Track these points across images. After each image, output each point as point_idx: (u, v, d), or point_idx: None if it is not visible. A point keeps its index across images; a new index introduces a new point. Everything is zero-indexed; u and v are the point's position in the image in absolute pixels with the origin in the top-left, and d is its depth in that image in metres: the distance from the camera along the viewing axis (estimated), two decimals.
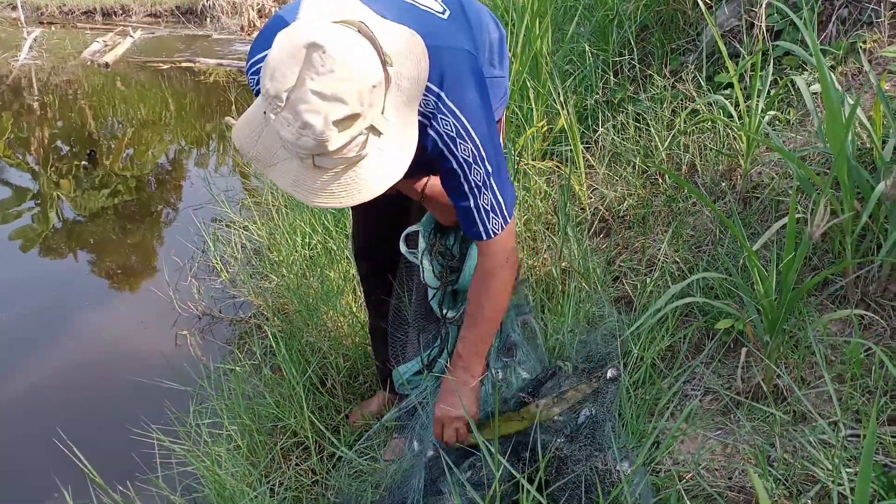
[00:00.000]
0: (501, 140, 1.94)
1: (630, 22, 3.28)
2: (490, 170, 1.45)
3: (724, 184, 2.39)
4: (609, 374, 1.85)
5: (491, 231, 1.51)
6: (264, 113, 1.23)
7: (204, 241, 3.61)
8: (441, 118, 1.40)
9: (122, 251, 3.91)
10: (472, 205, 1.48)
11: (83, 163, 5.13)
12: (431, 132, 1.41)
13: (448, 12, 1.52)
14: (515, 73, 3.00)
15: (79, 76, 7.89)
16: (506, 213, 1.51)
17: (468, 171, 1.44)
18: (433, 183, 1.71)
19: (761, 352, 1.71)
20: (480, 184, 1.46)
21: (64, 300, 3.38)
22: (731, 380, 1.77)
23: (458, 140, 1.42)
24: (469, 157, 1.43)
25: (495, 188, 1.48)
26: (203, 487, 1.92)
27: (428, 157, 1.46)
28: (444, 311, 1.88)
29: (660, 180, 2.63)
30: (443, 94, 1.39)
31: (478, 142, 1.43)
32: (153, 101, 7.02)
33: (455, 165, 1.44)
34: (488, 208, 1.49)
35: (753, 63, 2.40)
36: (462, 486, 1.59)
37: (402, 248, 1.88)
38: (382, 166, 1.30)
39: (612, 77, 3.18)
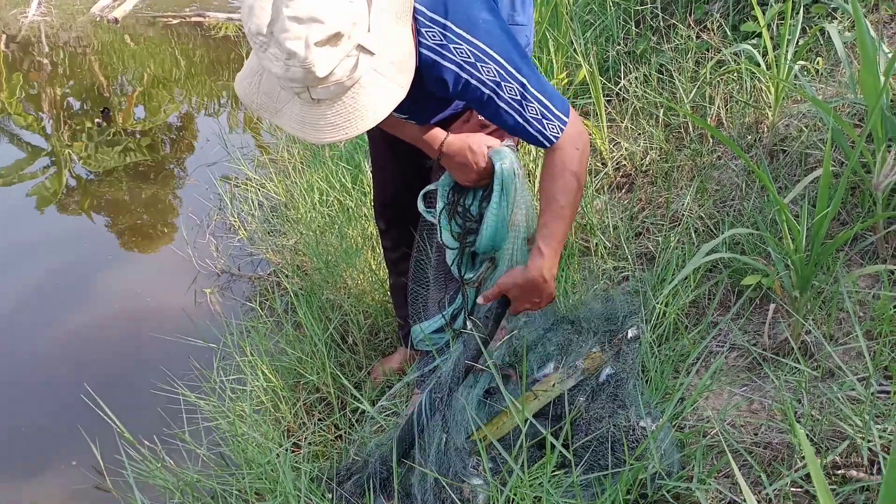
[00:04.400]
0: None
1: None
2: (524, 80, 1.40)
3: (750, 136, 2.34)
4: (630, 335, 1.83)
5: (552, 137, 1.46)
6: (257, 57, 1.22)
7: (220, 199, 3.59)
8: (454, 47, 1.35)
9: (138, 209, 3.90)
10: (520, 120, 1.43)
11: (97, 121, 5.09)
12: (449, 64, 1.36)
13: None
14: (535, 24, 2.91)
15: (88, 32, 7.79)
16: (559, 115, 1.45)
17: (500, 91, 1.39)
18: (450, 141, 1.67)
19: (789, 307, 1.69)
20: (518, 97, 1.40)
21: (83, 258, 3.39)
22: (758, 336, 1.75)
23: (478, 64, 1.36)
24: (495, 76, 1.37)
25: (537, 95, 1.42)
26: (228, 441, 1.94)
27: (451, 94, 1.41)
28: (463, 273, 1.86)
29: (684, 133, 2.57)
30: (448, 23, 1.34)
31: (499, 59, 1.37)
32: (163, 57, 6.94)
33: (485, 89, 1.38)
34: (539, 117, 1.43)
35: (782, 11, 2.32)
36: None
37: (420, 206, 1.85)
38: (381, 87, 1.26)
39: (633, 27, 3.09)
